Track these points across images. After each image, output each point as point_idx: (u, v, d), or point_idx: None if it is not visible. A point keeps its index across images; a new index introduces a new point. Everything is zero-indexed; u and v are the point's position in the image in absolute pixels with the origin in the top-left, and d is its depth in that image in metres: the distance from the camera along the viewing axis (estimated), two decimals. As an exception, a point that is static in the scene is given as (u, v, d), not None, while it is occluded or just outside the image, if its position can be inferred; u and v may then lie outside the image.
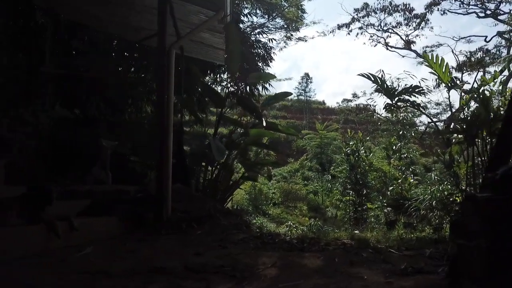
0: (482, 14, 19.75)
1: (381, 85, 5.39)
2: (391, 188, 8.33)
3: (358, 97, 25.54)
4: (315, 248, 3.45)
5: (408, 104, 5.52)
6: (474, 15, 20.16)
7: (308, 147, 36.18)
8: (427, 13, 20.36)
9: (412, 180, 7.91)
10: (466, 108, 5.60)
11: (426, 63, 5.72)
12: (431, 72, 5.93)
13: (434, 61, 5.60)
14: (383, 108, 5.79)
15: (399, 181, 8.07)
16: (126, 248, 3.52)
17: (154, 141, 5.07)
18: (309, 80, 60.90)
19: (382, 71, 11.66)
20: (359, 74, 5.47)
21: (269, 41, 12.91)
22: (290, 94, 8.52)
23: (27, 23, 7.87)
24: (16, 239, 3.25)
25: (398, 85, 13.29)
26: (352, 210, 9.12)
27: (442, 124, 22.10)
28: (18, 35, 7.79)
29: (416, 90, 5.41)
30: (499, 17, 18.80)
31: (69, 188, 4.79)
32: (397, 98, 5.45)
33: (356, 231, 7.87)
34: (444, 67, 5.58)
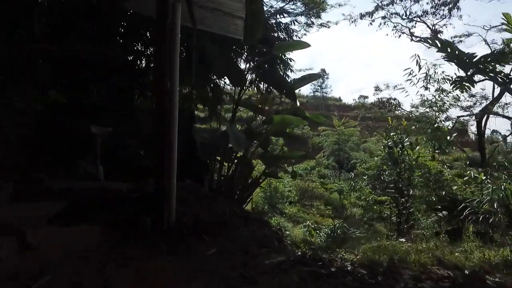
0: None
1: (451, 52, 4.06)
2: (453, 187, 6.99)
3: (381, 91, 23.89)
4: (401, 287, 2.19)
5: (490, 77, 4.18)
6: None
7: (325, 144, 35.06)
8: (459, -1, 18.66)
9: (477, 176, 6.54)
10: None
11: (506, 25, 4.36)
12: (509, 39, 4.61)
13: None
14: (451, 84, 4.47)
15: (459, 179, 6.73)
16: (100, 277, 2.33)
17: (154, 127, 3.90)
18: (326, 76, 59.52)
19: (418, 55, 10.24)
20: (417, 40, 4.16)
21: (291, 22, 11.61)
22: (320, 76, 7.39)
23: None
24: None
25: (435, 72, 11.84)
26: (395, 213, 7.80)
27: (474, 118, 20.45)
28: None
29: (501, 58, 4.07)
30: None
31: (40, 186, 3.63)
32: (471, 71, 4.14)
33: (401, 239, 6.58)
34: (531, 30, 4.24)
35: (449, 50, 4.10)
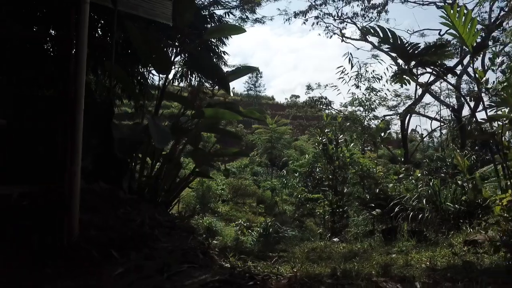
0: (441, 4, 19.20)
1: (394, 41, 3.82)
2: (389, 185, 6.95)
3: (313, 90, 24.30)
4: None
5: (433, 69, 4.01)
6: (433, 6, 19.63)
7: (258, 142, 35.36)
8: (389, 1, 19.49)
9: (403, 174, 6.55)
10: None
11: (444, 17, 4.23)
12: (449, 33, 4.51)
13: (457, 15, 4.12)
14: (391, 77, 4.28)
15: (394, 175, 6.72)
16: None
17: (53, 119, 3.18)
18: (259, 75, 59.96)
19: (350, 53, 10.30)
20: (362, 29, 3.89)
21: (225, 14, 11.09)
22: (256, 69, 6.93)
23: None
24: None
25: (366, 71, 12.06)
26: (328, 212, 7.67)
27: (398, 117, 21.53)
28: None
29: (439, 51, 3.90)
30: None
31: None
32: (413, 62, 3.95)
33: (334, 238, 6.40)
34: (469, 22, 4.11)
35: (391, 40, 3.88)
